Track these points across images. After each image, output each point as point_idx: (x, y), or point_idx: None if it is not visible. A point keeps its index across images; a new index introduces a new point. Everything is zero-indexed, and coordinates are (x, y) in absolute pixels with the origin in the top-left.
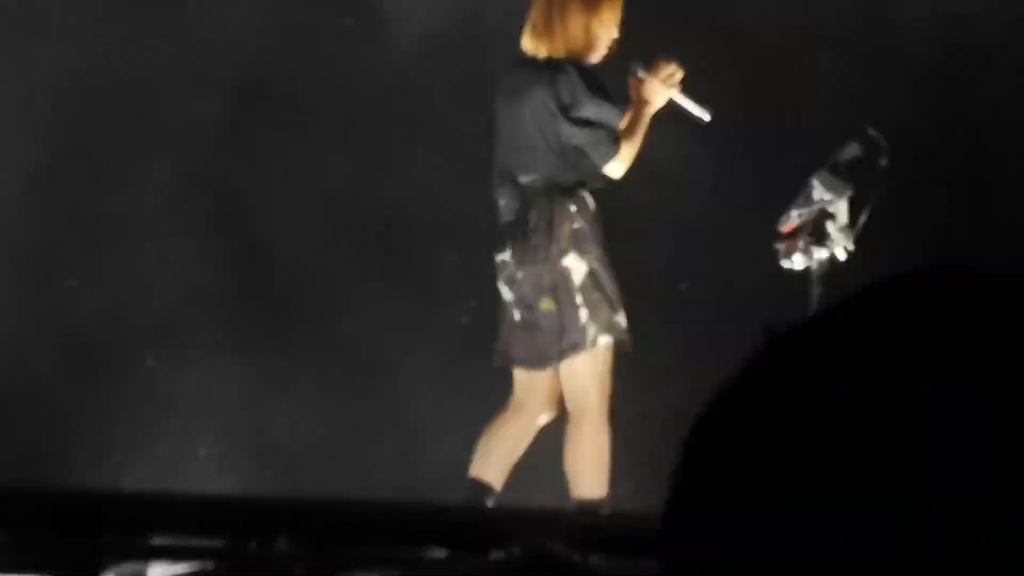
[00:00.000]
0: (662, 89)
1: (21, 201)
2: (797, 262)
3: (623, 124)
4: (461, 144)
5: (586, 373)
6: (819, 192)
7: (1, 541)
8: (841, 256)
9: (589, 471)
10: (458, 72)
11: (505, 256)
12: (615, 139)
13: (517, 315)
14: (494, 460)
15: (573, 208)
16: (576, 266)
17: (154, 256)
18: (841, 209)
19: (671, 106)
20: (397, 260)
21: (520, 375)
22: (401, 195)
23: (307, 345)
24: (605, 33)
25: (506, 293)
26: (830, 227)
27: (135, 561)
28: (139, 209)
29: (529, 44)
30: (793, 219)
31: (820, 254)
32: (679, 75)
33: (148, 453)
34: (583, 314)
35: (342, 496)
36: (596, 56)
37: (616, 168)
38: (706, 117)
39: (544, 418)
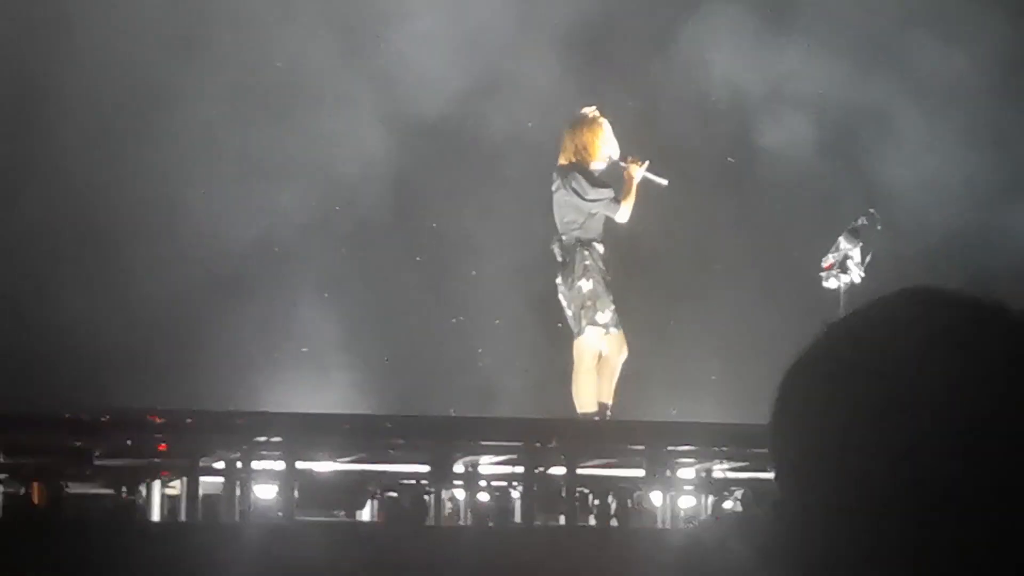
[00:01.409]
0: (636, 170)
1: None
2: (832, 284)
3: (622, 191)
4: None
5: (578, 345)
6: (844, 244)
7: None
8: (857, 280)
9: (580, 397)
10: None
11: (558, 280)
12: (616, 200)
13: (567, 312)
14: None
15: (586, 252)
16: (584, 285)
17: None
18: (856, 253)
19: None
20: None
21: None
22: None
23: None
24: (602, 152)
25: (562, 300)
26: (850, 264)
27: (474, 456)
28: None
29: (561, 158)
30: (829, 259)
31: (845, 280)
32: (644, 163)
33: (482, 387)
34: (577, 311)
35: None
36: (599, 165)
37: (622, 215)
38: (664, 182)
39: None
